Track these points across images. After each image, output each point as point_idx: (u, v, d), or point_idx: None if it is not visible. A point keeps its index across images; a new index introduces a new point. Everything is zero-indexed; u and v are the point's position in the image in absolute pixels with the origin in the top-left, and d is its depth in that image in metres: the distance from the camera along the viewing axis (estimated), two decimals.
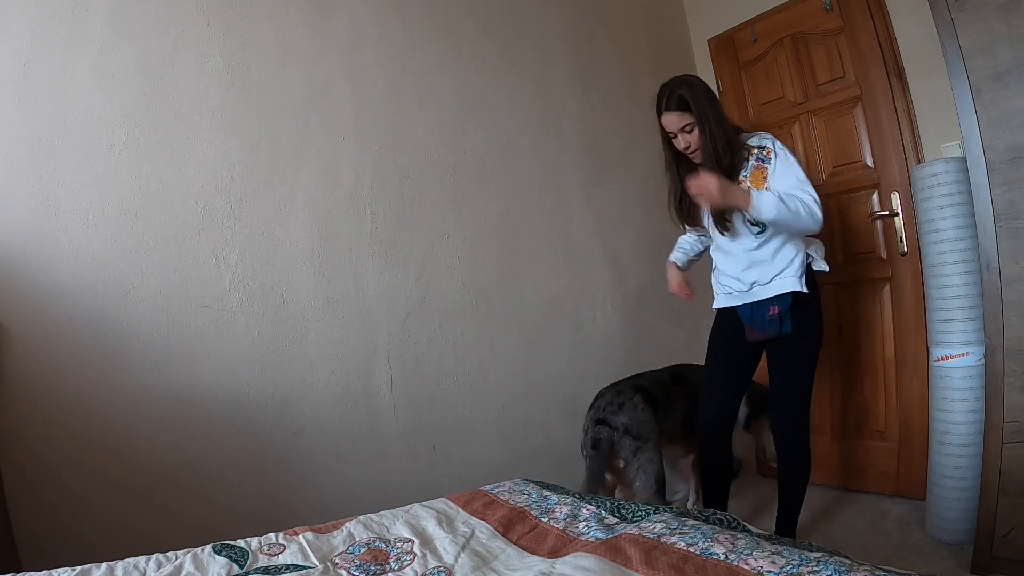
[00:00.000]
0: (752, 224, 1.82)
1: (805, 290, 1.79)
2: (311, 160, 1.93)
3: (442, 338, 2.13)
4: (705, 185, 1.66)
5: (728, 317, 1.96)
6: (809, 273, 1.83)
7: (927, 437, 2.06)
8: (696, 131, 1.74)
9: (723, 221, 1.82)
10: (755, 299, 1.85)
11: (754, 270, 1.84)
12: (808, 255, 1.84)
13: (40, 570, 0.94)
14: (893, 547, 1.97)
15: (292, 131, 1.90)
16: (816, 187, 2.79)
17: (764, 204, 1.67)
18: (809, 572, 0.69)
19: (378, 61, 2.09)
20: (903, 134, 2.30)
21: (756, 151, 1.80)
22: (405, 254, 2.09)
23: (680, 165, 1.87)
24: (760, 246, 1.82)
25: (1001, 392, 1.64)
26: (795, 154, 1.81)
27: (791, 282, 1.80)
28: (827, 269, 1.85)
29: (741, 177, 1.79)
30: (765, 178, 1.77)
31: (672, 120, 1.76)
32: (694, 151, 1.79)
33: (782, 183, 1.76)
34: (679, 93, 1.74)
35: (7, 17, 1.51)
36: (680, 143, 1.79)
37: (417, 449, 2.05)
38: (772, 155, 1.77)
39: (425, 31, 2.21)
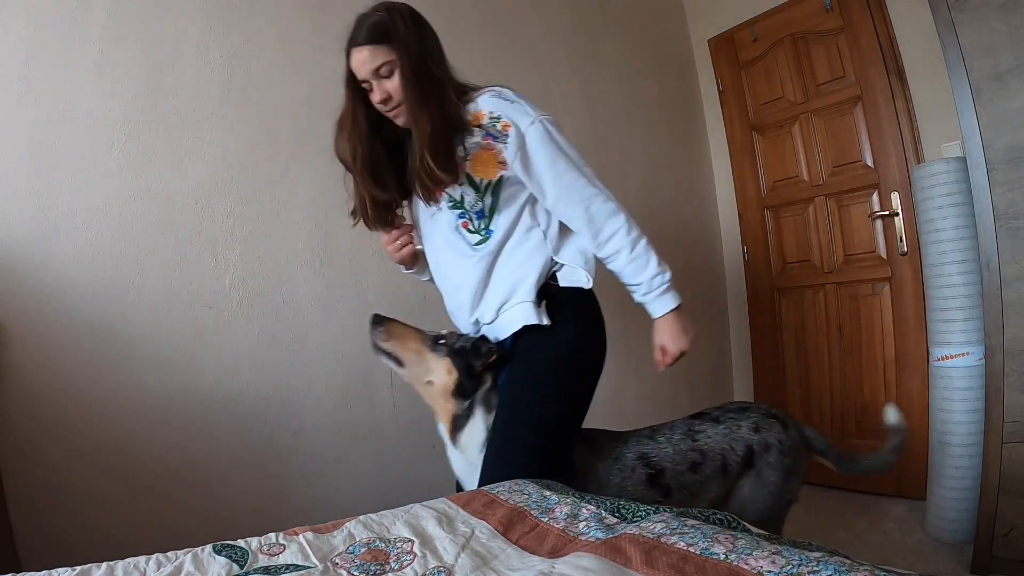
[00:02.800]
0: (469, 227, 1.25)
1: (542, 321, 1.23)
2: (311, 160, 1.93)
3: None
4: (674, 355, 1.27)
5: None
6: (555, 293, 1.26)
7: (927, 437, 2.06)
8: (397, 75, 1.18)
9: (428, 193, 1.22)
10: None
11: (476, 301, 1.28)
12: (553, 263, 1.27)
13: (40, 570, 0.94)
14: (893, 547, 1.97)
15: (292, 131, 1.90)
16: (816, 187, 2.78)
17: (661, 280, 1.24)
18: (809, 572, 0.69)
19: None
20: (903, 134, 2.31)
21: (486, 121, 1.20)
22: None
23: (374, 138, 1.28)
24: (480, 261, 1.25)
25: (1001, 392, 1.64)
26: (558, 128, 1.24)
27: (522, 312, 1.23)
28: (587, 284, 1.27)
29: (458, 158, 1.20)
30: (501, 163, 1.20)
31: (363, 58, 1.19)
32: (395, 107, 1.21)
33: (558, 191, 1.20)
34: (376, 19, 1.19)
35: (7, 17, 1.51)
36: (375, 95, 1.21)
37: (417, 449, 2.05)
38: (512, 132, 1.19)
39: None
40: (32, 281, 1.51)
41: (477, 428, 1.27)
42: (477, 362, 1.27)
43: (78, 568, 0.94)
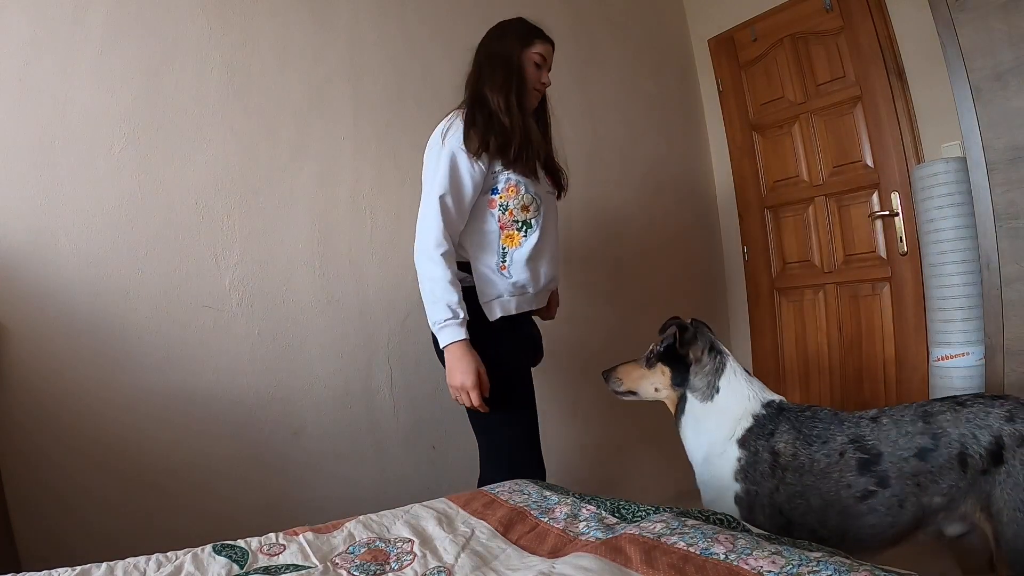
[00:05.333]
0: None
1: None
2: (311, 160, 1.93)
3: None
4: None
5: (529, 327, 1.68)
6: None
7: None
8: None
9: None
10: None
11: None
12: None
13: (40, 570, 0.94)
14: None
15: (292, 131, 1.90)
16: (816, 187, 2.77)
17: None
18: (809, 572, 0.69)
19: (378, 61, 2.09)
20: (903, 134, 2.31)
21: None
22: (405, 254, 2.08)
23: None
24: None
25: (1001, 392, 1.64)
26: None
27: None
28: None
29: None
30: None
31: (549, 51, 1.60)
32: (542, 92, 1.64)
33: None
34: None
35: (7, 17, 1.51)
36: (545, 79, 1.61)
37: (417, 449, 2.05)
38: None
39: (425, 31, 2.21)
40: (32, 281, 1.51)
41: (692, 409, 1.39)
42: (673, 340, 1.41)
43: (78, 568, 0.94)
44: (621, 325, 2.58)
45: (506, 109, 1.48)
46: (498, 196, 1.51)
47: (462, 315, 1.42)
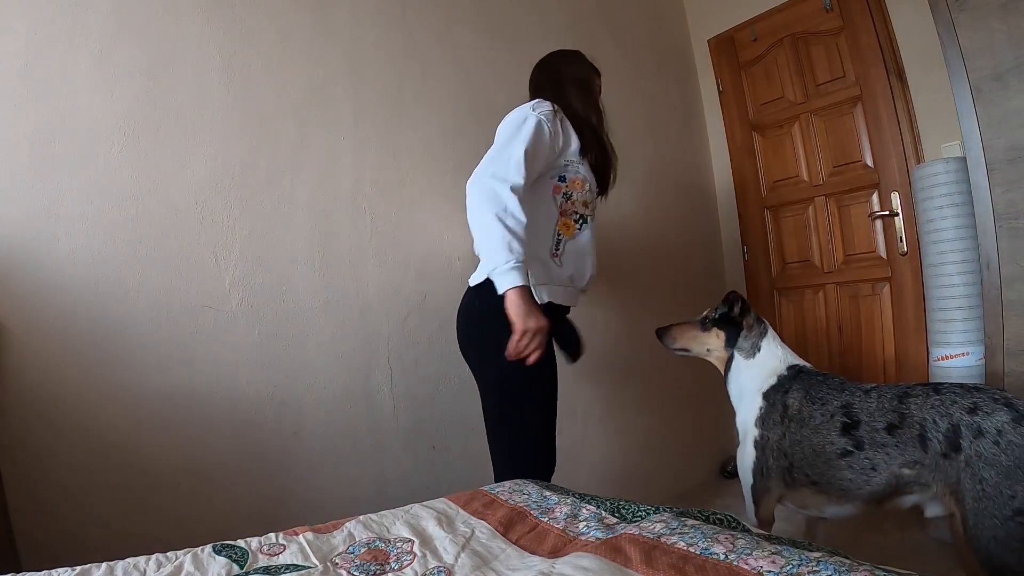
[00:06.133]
0: None
1: None
2: (311, 160, 1.93)
3: (442, 338, 2.13)
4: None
5: (562, 323, 1.73)
6: None
7: None
8: None
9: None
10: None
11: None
12: None
13: (40, 570, 0.94)
14: (893, 547, 1.97)
15: (292, 131, 1.90)
16: (816, 187, 2.77)
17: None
18: (809, 572, 0.69)
19: (378, 61, 2.09)
20: (903, 134, 2.31)
21: None
22: (405, 254, 2.09)
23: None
24: None
25: None
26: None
27: None
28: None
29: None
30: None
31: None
32: None
33: None
34: None
35: (7, 17, 1.51)
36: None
37: (417, 449, 2.05)
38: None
39: (426, 31, 2.21)
40: (32, 281, 1.51)
41: (737, 364, 1.68)
42: (731, 309, 1.69)
43: (78, 568, 0.94)
44: (621, 325, 2.58)
45: (595, 124, 1.69)
46: (565, 184, 1.59)
47: (524, 259, 1.38)
